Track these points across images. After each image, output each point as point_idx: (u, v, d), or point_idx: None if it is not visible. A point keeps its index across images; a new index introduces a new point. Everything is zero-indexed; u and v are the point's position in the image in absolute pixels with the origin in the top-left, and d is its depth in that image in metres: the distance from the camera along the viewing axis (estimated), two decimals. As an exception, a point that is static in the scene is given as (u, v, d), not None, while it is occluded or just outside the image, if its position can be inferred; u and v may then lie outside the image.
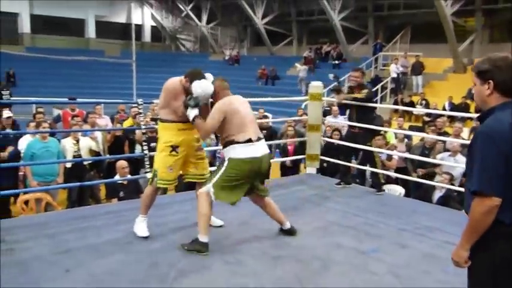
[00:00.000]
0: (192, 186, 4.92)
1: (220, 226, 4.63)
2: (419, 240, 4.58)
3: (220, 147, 4.52)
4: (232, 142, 4.08)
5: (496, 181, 2.12)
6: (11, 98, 13.29)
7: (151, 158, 5.55)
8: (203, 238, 4.01)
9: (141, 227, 4.37)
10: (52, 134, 7.43)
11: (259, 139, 4.17)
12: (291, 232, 4.49)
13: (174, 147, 4.27)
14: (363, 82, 6.48)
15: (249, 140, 4.07)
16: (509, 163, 2.11)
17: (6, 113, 8.55)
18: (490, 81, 2.23)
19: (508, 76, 2.20)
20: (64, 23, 29.01)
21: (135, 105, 7.44)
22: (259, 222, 4.79)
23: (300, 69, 21.02)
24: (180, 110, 4.19)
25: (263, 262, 3.90)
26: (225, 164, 4.11)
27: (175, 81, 4.32)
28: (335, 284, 3.57)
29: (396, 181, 7.72)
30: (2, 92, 17.35)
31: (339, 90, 6.63)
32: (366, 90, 6.20)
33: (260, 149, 4.16)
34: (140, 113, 5.72)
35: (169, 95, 4.28)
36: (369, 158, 6.48)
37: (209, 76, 4.30)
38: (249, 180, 4.18)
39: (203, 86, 4.10)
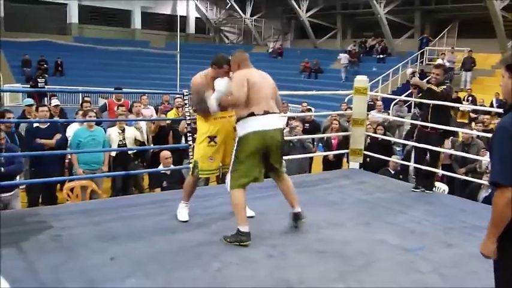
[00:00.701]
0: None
1: (252, 217, 4.51)
2: (466, 239, 4.42)
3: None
4: (241, 117, 4.03)
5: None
6: (55, 87, 13.69)
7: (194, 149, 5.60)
8: (243, 228, 3.99)
9: (182, 212, 4.51)
10: (98, 123, 7.57)
11: (265, 113, 4.03)
12: (297, 216, 4.32)
13: (211, 138, 4.31)
14: (443, 80, 5.94)
15: (252, 114, 3.99)
16: None
17: (54, 101, 8.77)
18: None
19: None
20: (111, 14, 29.45)
21: (180, 96, 7.48)
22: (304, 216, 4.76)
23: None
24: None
25: (306, 256, 3.85)
26: (235, 146, 4.09)
27: (197, 78, 4.40)
28: (379, 282, 3.48)
29: (442, 179, 7.53)
30: (38, 80, 17.96)
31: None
32: (443, 86, 5.71)
33: (268, 122, 4.04)
34: (185, 104, 5.74)
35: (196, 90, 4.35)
36: (434, 158, 6.10)
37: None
38: (259, 156, 4.09)
39: (223, 84, 4.14)
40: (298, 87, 19.84)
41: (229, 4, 30.18)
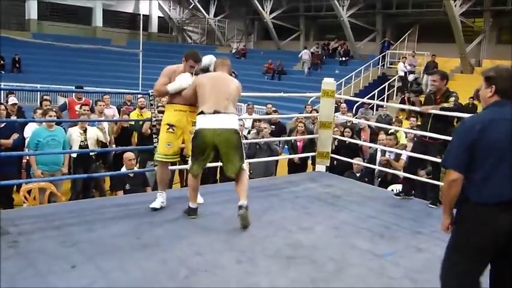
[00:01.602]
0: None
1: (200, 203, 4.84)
2: (436, 243, 4.38)
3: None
4: (197, 114, 4.45)
5: (459, 160, 2.61)
6: (13, 84, 13.19)
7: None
8: (192, 205, 4.58)
9: (157, 201, 4.80)
10: (58, 123, 7.29)
11: (215, 112, 4.34)
12: (240, 207, 4.35)
13: (170, 125, 4.70)
14: (444, 87, 5.80)
15: (201, 112, 4.37)
16: (474, 149, 2.55)
17: (12, 100, 8.42)
18: (493, 86, 2.68)
19: (508, 85, 2.66)
20: (71, 10, 28.82)
21: (144, 96, 7.30)
22: (273, 220, 4.67)
23: None
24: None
25: (276, 262, 3.74)
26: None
27: (170, 67, 4.89)
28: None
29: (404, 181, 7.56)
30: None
31: (418, 93, 6.16)
32: (452, 99, 5.58)
33: (215, 121, 4.34)
34: (151, 105, 5.57)
35: (164, 78, 4.78)
36: (436, 169, 5.89)
37: (211, 57, 4.91)
38: (207, 151, 4.42)
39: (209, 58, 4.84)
40: (262, 88, 19.82)
41: (193, 4, 29.94)
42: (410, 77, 5.95)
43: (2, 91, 13.59)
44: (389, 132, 8.18)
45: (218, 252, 3.86)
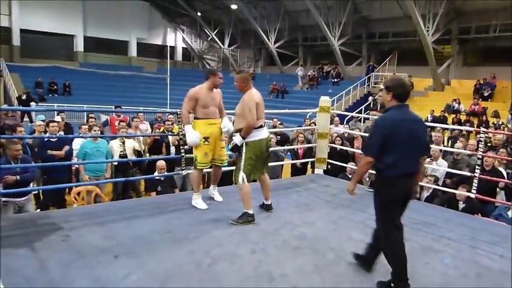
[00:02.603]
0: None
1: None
2: (418, 234, 4.33)
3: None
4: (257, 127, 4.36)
5: (374, 150, 3.03)
6: (64, 105, 13.06)
7: (186, 159, 5.40)
8: (250, 211, 4.32)
9: (199, 202, 4.73)
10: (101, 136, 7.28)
11: (264, 125, 4.51)
12: (268, 207, 4.66)
13: (206, 138, 4.62)
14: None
15: (261, 126, 4.40)
16: (385, 140, 2.98)
17: (58, 118, 8.43)
18: (391, 92, 3.07)
19: (401, 91, 3.09)
20: (111, 43, 28.95)
21: (173, 113, 7.26)
22: (281, 216, 4.60)
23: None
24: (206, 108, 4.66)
25: (285, 252, 3.68)
26: (244, 149, 4.32)
27: (194, 89, 4.68)
28: (349, 274, 3.35)
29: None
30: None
31: (375, 110, 6.19)
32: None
33: (266, 132, 4.48)
34: (179, 121, 5.49)
35: (190, 102, 4.63)
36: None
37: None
38: (262, 157, 4.44)
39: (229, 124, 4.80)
40: (269, 105, 19.57)
41: (211, 37, 30.00)
42: (370, 99, 5.87)
43: (55, 111, 13.61)
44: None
45: (235, 244, 3.80)
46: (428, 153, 3.30)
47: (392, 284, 3.08)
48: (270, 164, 7.24)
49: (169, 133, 7.61)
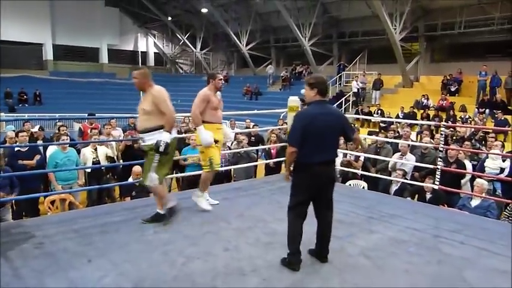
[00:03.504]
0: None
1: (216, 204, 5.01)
2: (385, 226, 4.52)
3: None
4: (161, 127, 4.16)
5: (295, 140, 3.32)
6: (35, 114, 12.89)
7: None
8: (162, 211, 4.37)
9: (204, 202, 4.84)
10: (74, 145, 7.26)
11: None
12: (161, 218, 4.39)
13: (216, 141, 4.75)
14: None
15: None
16: (304, 132, 3.28)
17: (35, 128, 8.36)
18: (316, 88, 3.37)
19: (324, 87, 3.41)
20: (81, 51, 28.62)
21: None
22: (254, 214, 4.72)
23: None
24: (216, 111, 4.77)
25: (256, 248, 3.80)
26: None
27: (205, 92, 4.70)
28: (318, 267, 3.48)
29: (361, 177, 7.67)
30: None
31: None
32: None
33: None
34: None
35: (202, 104, 4.64)
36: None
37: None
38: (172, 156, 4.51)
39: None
40: (243, 107, 19.86)
41: (182, 41, 29.97)
42: (302, 91, 6.02)
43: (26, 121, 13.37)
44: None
45: (209, 243, 3.90)
46: (352, 137, 3.58)
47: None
48: (244, 165, 7.44)
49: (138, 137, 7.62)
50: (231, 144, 9.13)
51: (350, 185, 7.14)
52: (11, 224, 4.82)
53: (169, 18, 28.54)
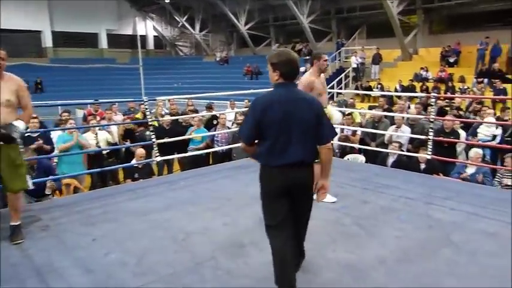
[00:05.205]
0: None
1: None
2: (379, 196, 4.63)
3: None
4: None
5: (247, 134, 2.61)
6: (36, 103, 12.94)
7: (158, 145, 5.57)
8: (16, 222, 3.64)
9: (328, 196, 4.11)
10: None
11: None
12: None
13: None
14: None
15: None
16: (259, 123, 2.53)
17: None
18: (277, 70, 2.61)
19: (288, 69, 2.60)
20: (80, 37, 28.47)
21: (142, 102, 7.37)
22: (252, 191, 4.82)
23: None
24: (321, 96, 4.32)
25: (254, 222, 3.92)
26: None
27: (307, 77, 4.31)
28: (315, 235, 3.59)
29: (359, 151, 7.74)
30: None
31: None
32: None
33: None
34: (146, 109, 5.66)
35: (308, 89, 4.17)
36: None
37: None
38: None
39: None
40: (244, 87, 19.81)
41: (181, 23, 29.75)
42: (302, 69, 5.92)
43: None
44: (347, 113, 8.36)
45: (208, 219, 4.03)
46: (324, 142, 2.65)
47: None
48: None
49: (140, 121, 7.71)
50: (231, 125, 9.23)
51: (348, 159, 7.22)
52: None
53: (167, 1, 28.26)
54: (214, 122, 8.54)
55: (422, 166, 6.24)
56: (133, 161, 6.88)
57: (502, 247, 3.33)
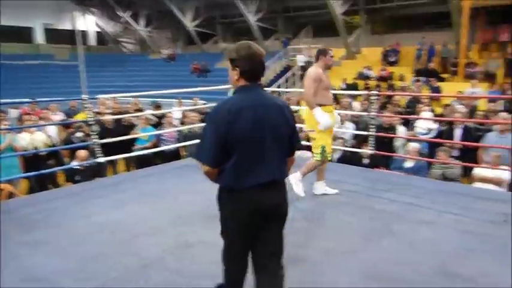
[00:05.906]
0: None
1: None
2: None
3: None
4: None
5: (210, 155, 2.05)
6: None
7: (101, 146, 5.42)
8: None
9: (300, 186, 4.38)
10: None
11: None
12: None
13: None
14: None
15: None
16: (224, 139, 2.00)
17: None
18: (237, 68, 2.11)
19: (249, 66, 2.10)
20: (13, 31, 26.81)
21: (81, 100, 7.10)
22: (201, 189, 4.79)
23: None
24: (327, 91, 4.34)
25: (202, 222, 3.91)
26: None
27: (315, 71, 4.26)
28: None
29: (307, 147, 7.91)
30: None
31: None
32: None
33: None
34: (85, 107, 5.47)
35: (314, 84, 4.20)
36: None
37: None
38: None
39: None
40: (192, 85, 19.47)
41: (124, 18, 28.97)
42: None
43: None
44: (294, 110, 8.51)
45: (157, 218, 4.00)
46: (293, 154, 2.27)
47: None
48: (194, 142, 7.44)
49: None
50: (181, 123, 9.15)
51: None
52: None
53: (109, -5, 27.46)
54: (162, 120, 8.43)
55: (366, 161, 6.51)
56: (74, 163, 6.64)
57: (438, 234, 3.57)
